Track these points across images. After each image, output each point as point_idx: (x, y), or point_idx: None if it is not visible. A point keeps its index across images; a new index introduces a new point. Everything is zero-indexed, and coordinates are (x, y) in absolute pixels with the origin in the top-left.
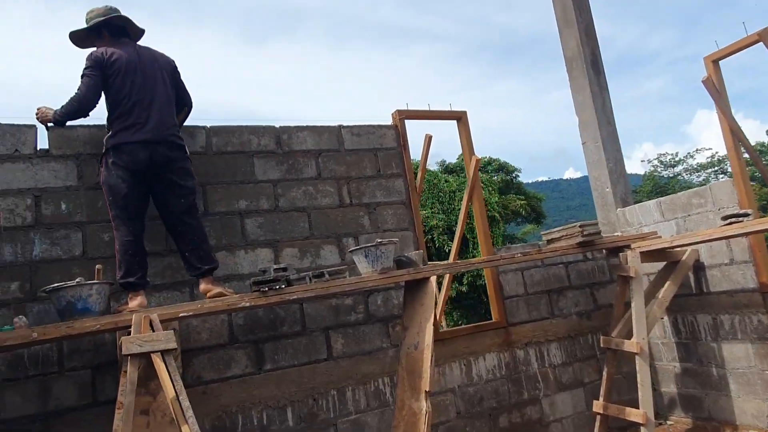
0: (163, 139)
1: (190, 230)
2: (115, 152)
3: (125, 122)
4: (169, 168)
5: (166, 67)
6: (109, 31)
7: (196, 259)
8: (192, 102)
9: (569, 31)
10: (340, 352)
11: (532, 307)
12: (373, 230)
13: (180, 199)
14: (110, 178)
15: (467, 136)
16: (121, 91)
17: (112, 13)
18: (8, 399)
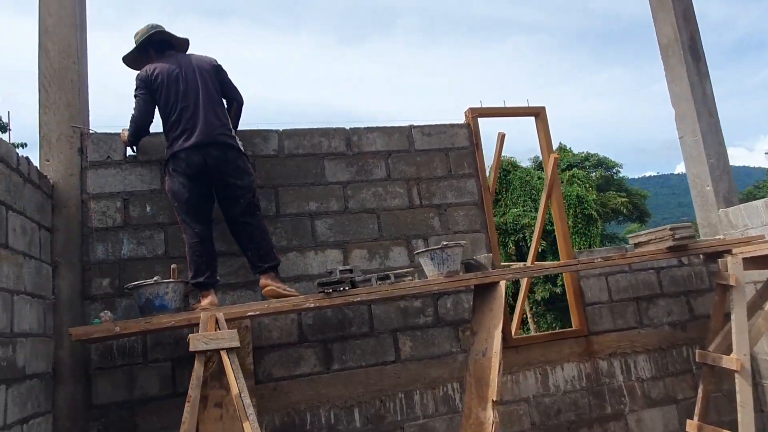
0: (212, 140)
1: (249, 229)
2: (173, 160)
3: (176, 131)
4: (223, 169)
5: (207, 69)
6: (155, 48)
7: (257, 258)
8: (241, 98)
9: (664, 16)
10: (408, 354)
11: (617, 315)
12: (443, 232)
13: (238, 199)
14: (173, 185)
15: (546, 132)
16: (168, 103)
17: (152, 31)
18: (100, 386)
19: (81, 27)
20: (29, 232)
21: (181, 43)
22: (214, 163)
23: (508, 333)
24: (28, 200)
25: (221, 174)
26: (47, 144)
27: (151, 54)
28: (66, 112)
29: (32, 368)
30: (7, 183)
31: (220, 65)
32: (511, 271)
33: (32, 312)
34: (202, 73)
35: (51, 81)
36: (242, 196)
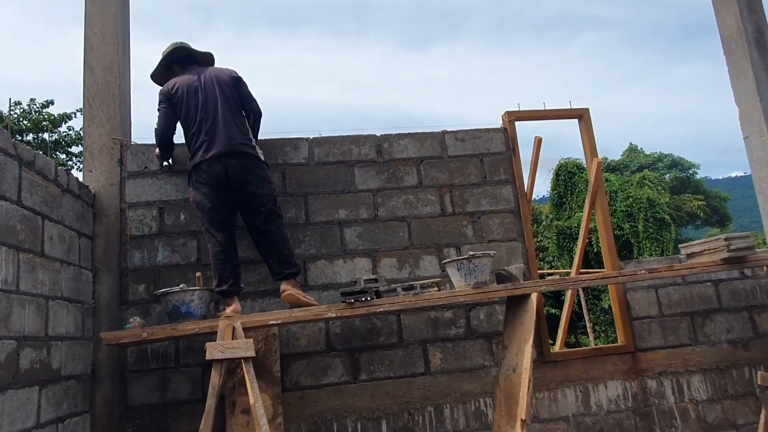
0: (231, 150)
1: (270, 237)
2: (196, 172)
3: (196, 143)
4: (244, 177)
5: (227, 80)
6: (179, 64)
7: (278, 264)
8: (259, 109)
9: (726, 6)
10: (438, 367)
11: (668, 331)
12: (477, 240)
13: (259, 207)
14: (196, 195)
15: (589, 136)
16: (188, 115)
17: (174, 47)
18: (134, 388)
19: (123, 44)
20: (68, 240)
21: (205, 57)
22: (234, 172)
23: (545, 347)
24: (67, 210)
25: (242, 183)
26: (90, 155)
27: (176, 70)
28: (107, 124)
29: (69, 370)
30: (43, 194)
31: (240, 77)
32: (543, 282)
33: (69, 316)
34: (221, 84)
35: (94, 96)
36: (263, 204)
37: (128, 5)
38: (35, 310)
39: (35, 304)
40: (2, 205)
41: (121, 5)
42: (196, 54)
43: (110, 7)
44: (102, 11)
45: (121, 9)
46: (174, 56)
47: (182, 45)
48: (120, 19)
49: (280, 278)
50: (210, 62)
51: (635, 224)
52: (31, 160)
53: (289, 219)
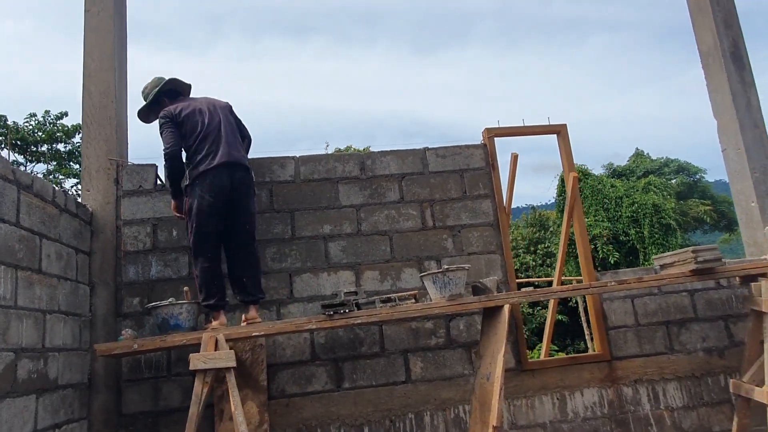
0: (237, 161)
1: (250, 257)
2: (200, 181)
3: (201, 154)
4: (243, 191)
5: (224, 106)
6: (168, 96)
7: (252, 286)
8: (250, 135)
9: (703, 22)
10: (419, 375)
11: (644, 339)
12: (457, 253)
13: (245, 225)
14: (198, 204)
15: (567, 151)
16: (194, 131)
17: (163, 81)
18: (129, 397)
19: (120, 69)
20: (65, 256)
21: (186, 88)
22: (238, 184)
23: (523, 356)
24: (65, 228)
25: (240, 196)
26: (88, 175)
27: (165, 102)
28: (104, 146)
29: (66, 379)
30: (41, 215)
31: (232, 107)
32: (516, 294)
33: (66, 328)
34: (221, 109)
35: (92, 119)
36: (249, 222)
37: (125, 33)
38: (33, 323)
39: (33, 318)
40: (1, 227)
41: (118, 34)
42: (182, 86)
43: (107, 36)
44: (100, 40)
45: (118, 37)
46: (163, 89)
47: (170, 78)
48: (117, 46)
49: (252, 301)
50: (190, 92)
51: (641, 230)
52: (29, 183)
53: (276, 234)
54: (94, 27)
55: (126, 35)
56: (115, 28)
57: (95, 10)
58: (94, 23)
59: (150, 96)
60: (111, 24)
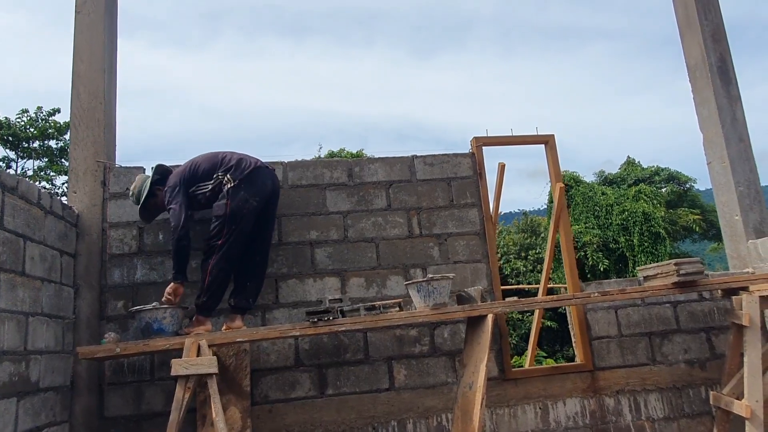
0: (274, 173)
1: (265, 266)
2: (248, 182)
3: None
4: (275, 201)
5: None
6: (160, 185)
7: (253, 294)
8: None
9: (691, 36)
10: (403, 383)
11: (626, 350)
12: (443, 261)
13: (270, 234)
14: (242, 207)
15: (554, 161)
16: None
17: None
18: (111, 400)
19: (110, 71)
20: (49, 259)
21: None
22: (275, 194)
23: (507, 365)
24: (49, 230)
25: (273, 203)
26: (75, 177)
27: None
28: (92, 148)
29: (47, 382)
30: (26, 217)
31: None
32: (499, 304)
33: (49, 331)
34: None
35: (80, 120)
36: (271, 231)
37: (116, 35)
38: (15, 326)
39: (15, 321)
40: None
41: (108, 35)
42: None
43: (97, 38)
44: (90, 42)
45: (108, 39)
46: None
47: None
48: (107, 48)
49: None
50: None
51: (631, 238)
52: (14, 185)
53: None
54: (84, 28)
55: (116, 37)
56: (105, 30)
57: (86, 12)
58: (85, 24)
59: (143, 192)
60: (101, 26)
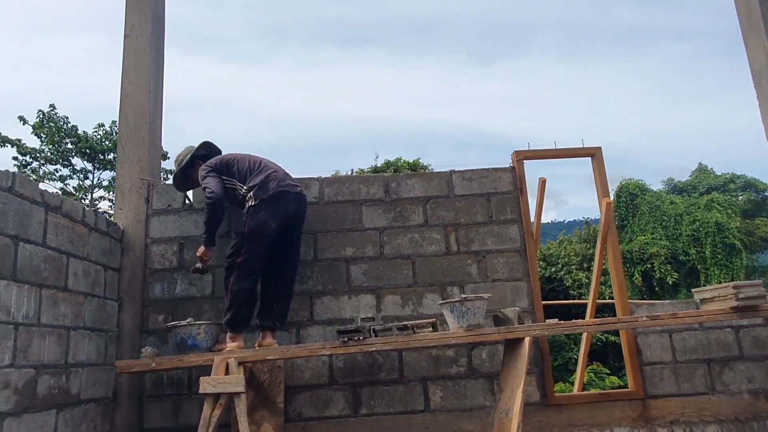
0: (302, 192)
1: (290, 287)
2: (269, 204)
3: (260, 177)
4: (300, 223)
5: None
6: (202, 159)
7: (280, 314)
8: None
9: (756, 39)
10: (438, 405)
11: (682, 378)
12: (481, 279)
13: (296, 256)
14: (261, 227)
15: (601, 175)
16: (247, 164)
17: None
18: (150, 412)
19: (156, 91)
20: (93, 274)
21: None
22: (301, 214)
23: (549, 390)
24: (93, 247)
25: (297, 225)
26: (121, 194)
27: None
28: (137, 166)
29: (89, 394)
30: (69, 234)
31: None
32: (537, 326)
33: (91, 344)
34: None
35: (127, 139)
36: (298, 253)
37: (162, 57)
38: (56, 340)
39: (56, 335)
40: (26, 247)
41: (154, 57)
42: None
43: (144, 59)
44: (137, 64)
45: (154, 61)
46: (197, 153)
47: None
48: (153, 69)
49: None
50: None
51: (702, 250)
52: (57, 205)
53: None
54: (132, 51)
55: (163, 59)
56: (152, 52)
57: (134, 35)
58: (132, 47)
59: (184, 161)
60: (148, 49)
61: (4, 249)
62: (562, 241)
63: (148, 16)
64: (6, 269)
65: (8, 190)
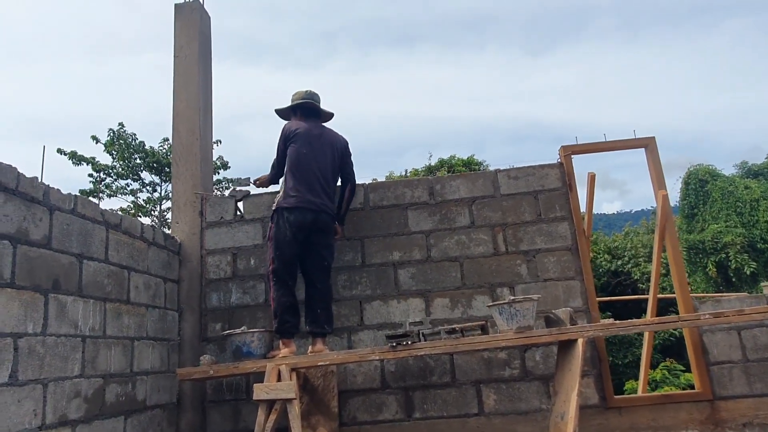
0: (325, 210)
1: (325, 291)
2: (288, 212)
3: (297, 184)
4: (322, 231)
5: (338, 146)
6: (302, 112)
7: (325, 319)
8: (355, 179)
9: None
10: (492, 408)
11: (754, 377)
12: (531, 279)
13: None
14: (279, 234)
15: (656, 166)
16: (295, 158)
17: (305, 99)
18: (212, 417)
19: (205, 108)
20: (153, 286)
21: (326, 114)
22: (319, 225)
23: (608, 392)
24: (152, 260)
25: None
26: (177, 208)
27: (299, 115)
28: (190, 180)
29: (154, 400)
30: (129, 250)
31: (349, 148)
32: (590, 327)
33: (154, 353)
34: (333, 148)
35: (180, 156)
36: (327, 258)
37: (210, 75)
38: (121, 350)
39: (121, 346)
40: (90, 264)
41: (203, 76)
42: (319, 109)
43: (193, 78)
44: (186, 83)
45: (202, 79)
46: (299, 106)
47: (310, 100)
48: (202, 87)
49: (320, 333)
50: (328, 119)
51: None
52: (117, 222)
53: (347, 262)
54: (181, 71)
55: (211, 77)
56: (199, 71)
57: (183, 55)
58: (182, 67)
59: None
60: (196, 68)
61: (70, 267)
62: (628, 233)
63: (195, 36)
64: (72, 285)
65: (71, 212)
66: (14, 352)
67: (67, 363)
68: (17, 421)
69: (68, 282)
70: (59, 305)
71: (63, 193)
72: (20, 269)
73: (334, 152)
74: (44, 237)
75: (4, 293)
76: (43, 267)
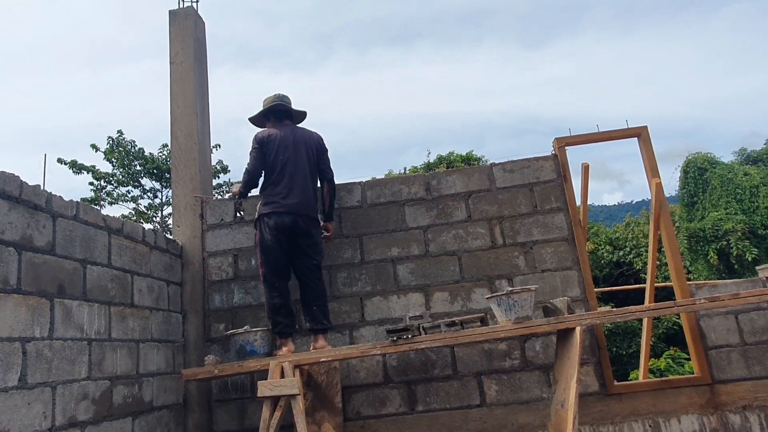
0: (304, 212)
1: (317, 288)
2: (267, 218)
3: (274, 190)
4: (305, 231)
5: (312, 144)
6: (275, 116)
7: (321, 315)
8: (332, 175)
9: None
10: (494, 399)
11: (752, 360)
12: (529, 271)
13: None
14: (263, 239)
15: (649, 155)
16: (274, 165)
17: (275, 102)
18: (218, 416)
19: (202, 113)
20: (156, 289)
21: (298, 114)
22: (301, 226)
23: (608, 379)
24: (155, 264)
25: (302, 234)
26: (177, 212)
27: (272, 120)
28: (190, 184)
29: (161, 401)
30: (132, 254)
31: (324, 144)
32: (588, 315)
33: (160, 354)
34: (307, 148)
35: (179, 160)
36: (315, 257)
37: (206, 81)
38: (127, 353)
39: (126, 348)
40: (94, 269)
41: (198, 82)
42: (291, 111)
43: (189, 83)
44: (183, 88)
45: (198, 83)
46: (271, 110)
47: (281, 102)
48: (198, 93)
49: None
50: (302, 118)
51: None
52: (119, 227)
53: (346, 259)
54: (177, 77)
55: (207, 83)
56: (195, 76)
57: (178, 62)
58: (178, 74)
59: (262, 108)
60: (192, 73)
61: (74, 272)
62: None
63: (190, 42)
64: (77, 290)
65: (74, 218)
66: (23, 356)
67: (74, 366)
68: (27, 423)
69: (73, 287)
70: (65, 310)
71: (65, 200)
72: (26, 275)
73: (308, 151)
74: (48, 243)
75: (11, 299)
76: (48, 272)
